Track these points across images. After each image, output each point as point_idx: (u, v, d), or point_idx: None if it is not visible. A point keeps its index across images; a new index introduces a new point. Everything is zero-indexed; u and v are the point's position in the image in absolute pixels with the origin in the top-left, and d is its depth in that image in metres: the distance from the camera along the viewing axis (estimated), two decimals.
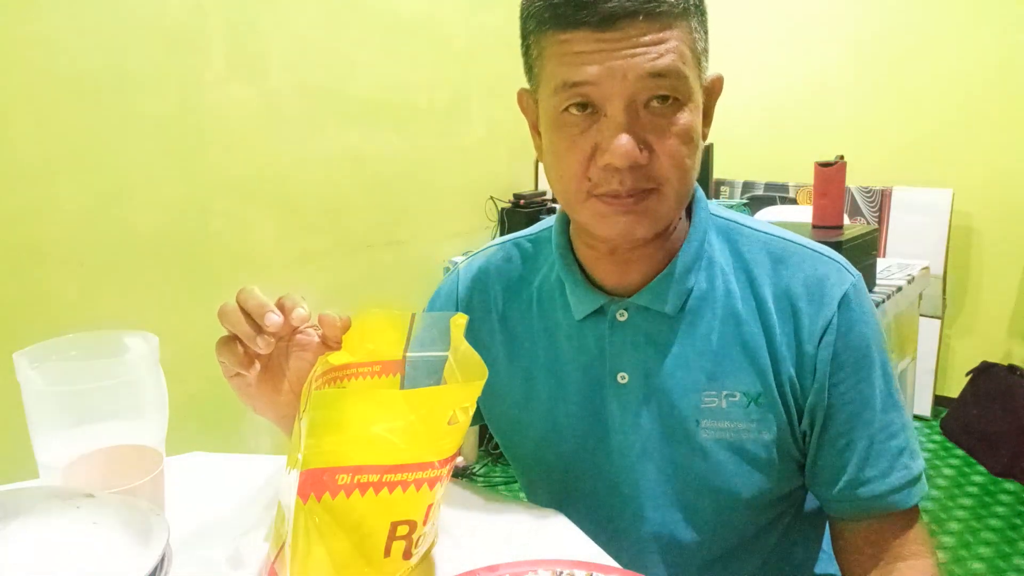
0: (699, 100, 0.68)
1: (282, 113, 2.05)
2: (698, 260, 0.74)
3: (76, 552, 0.55)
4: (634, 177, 0.66)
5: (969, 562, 1.95)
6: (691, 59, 0.65)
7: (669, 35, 0.63)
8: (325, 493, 0.53)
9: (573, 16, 0.63)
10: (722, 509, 0.75)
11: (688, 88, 0.65)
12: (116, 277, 1.73)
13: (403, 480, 0.55)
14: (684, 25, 0.64)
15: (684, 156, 0.67)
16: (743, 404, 0.72)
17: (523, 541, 0.67)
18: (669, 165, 0.66)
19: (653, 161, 0.66)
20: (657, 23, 0.63)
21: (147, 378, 0.68)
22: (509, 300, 0.83)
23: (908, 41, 2.76)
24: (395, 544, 0.56)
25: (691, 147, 0.67)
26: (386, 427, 0.54)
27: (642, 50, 0.63)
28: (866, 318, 0.73)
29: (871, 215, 2.80)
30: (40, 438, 0.65)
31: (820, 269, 0.74)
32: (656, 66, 0.63)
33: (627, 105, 0.64)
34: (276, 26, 2.01)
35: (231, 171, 1.94)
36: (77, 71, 1.63)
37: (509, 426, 0.85)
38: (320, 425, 0.53)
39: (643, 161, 0.65)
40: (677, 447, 0.74)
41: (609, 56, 0.63)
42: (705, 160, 2.02)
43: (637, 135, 0.65)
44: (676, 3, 0.63)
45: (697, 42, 0.66)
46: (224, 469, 0.84)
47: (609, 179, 0.66)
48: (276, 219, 2.06)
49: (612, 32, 0.62)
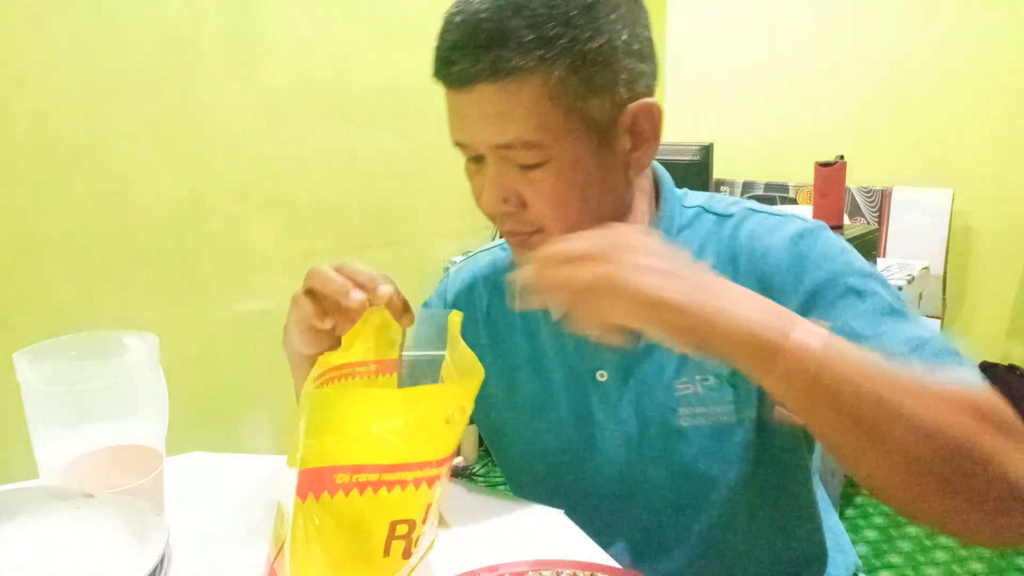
0: (578, 151, 0.66)
1: (281, 113, 2.04)
2: None
3: (76, 552, 0.55)
4: (510, 221, 0.69)
5: (969, 562, 1.95)
6: (555, 116, 0.63)
7: (515, 102, 0.62)
8: (324, 492, 0.53)
9: (438, 73, 0.66)
10: (709, 493, 0.75)
11: (546, 149, 0.64)
12: (116, 277, 1.73)
13: (402, 479, 0.55)
14: (538, 83, 0.62)
15: (557, 207, 0.67)
16: (717, 386, 0.72)
17: (523, 541, 0.67)
18: (544, 215, 0.68)
19: (528, 210, 0.68)
20: (501, 87, 0.62)
21: (147, 378, 0.68)
22: (494, 302, 0.85)
23: (908, 41, 2.76)
24: (394, 543, 0.56)
25: (565, 199, 0.67)
26: (384, 426, 0.54)
27: (489, 120, 0.64)
28: (829, 252, 0.70)
29: (871, 215, 2.80)
30: (40, 438, 0.65)
31: (771, 226, 0.73)
32: (501, 138, 0.64)
33: (497, 160, 0.66)
34: (276, 26, 2.01)
35: (230, 171, 1.94)
36: (76, 71, 1.63)
37: (496, 426, 0.87)
38: (318, 424, 0.53)
39: (511, 211, 0.68)
40: (659, 438, 0.75)
41: (467, 121, 0.66)
42: (705, 160, 2.03)
43: (507, 187, 0.67)
44: (521, 64, 0.61)
45: (565, 94, 0.63)
46: (224, 469, 0.84)
47: (492, 218, 0.70)
48: (275, 219, 2.06)
49: (465, 95, 0.64)
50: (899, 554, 1.99)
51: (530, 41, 0.61)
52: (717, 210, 0.76)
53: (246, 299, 1.95)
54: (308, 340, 0.68)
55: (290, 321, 0.69)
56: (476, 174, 0.70)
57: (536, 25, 0.61)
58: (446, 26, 0.65)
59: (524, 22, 0.61)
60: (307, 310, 0.66)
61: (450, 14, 0.65)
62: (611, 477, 0.78)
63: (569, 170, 0.66)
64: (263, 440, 1.91)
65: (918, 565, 1.94)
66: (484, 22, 0.61)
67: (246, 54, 1.96)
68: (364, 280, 0.65)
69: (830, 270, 0.68)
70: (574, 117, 0.64)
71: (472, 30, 0.62)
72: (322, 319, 0.66)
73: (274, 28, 2.01)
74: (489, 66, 0.61)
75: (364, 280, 0.65)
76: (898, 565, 1.94)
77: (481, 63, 0.61)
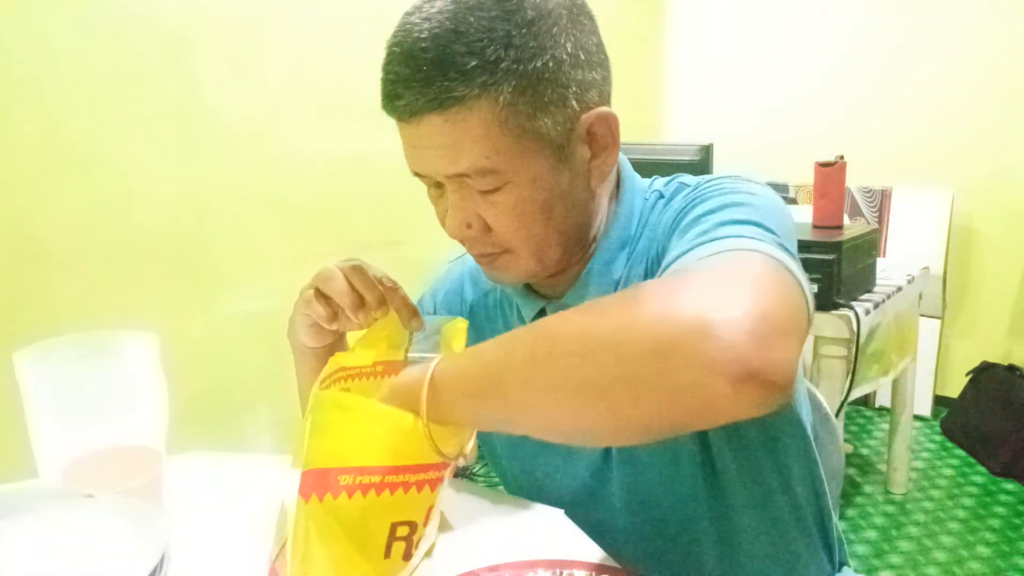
0: (535, 170, 0.64)
1: (283, 113, 2.04)
2: (621, 250, 0.73)
3: (76, 552, 0.55)
4: (477, 244, 0.69)
5: (969, 562, 1.95)
6: (506, 139, 0.62)
7: (464, 130, 0.61)
8: (327, 493, 0.53)
9: (386, 107, 0.65)
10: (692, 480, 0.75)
11: (501, 173, 0.63)
12: (116, 277, 1.73)
13: (405, 481, 0.55)
14: (486, 108, 0.60)
15: (520, 228, 0.67)
16: None
17: (523, 541, 0.67)
18: (508, 237, 0.67)
19: (493, 232, 0.67)
20: (449, 117, 0.61)
21: (147, 378, 0.68)
22: (477, 302, 0.87)
23: (908, 41, 2.76)
24: (395, 544, 0.56)
25: (527, 218, 0.66)
26: (388, 428, 0.54)
27: (441, 151, 0.63)
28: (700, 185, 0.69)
29: (871, 215, 2.80)
30: (40, 438, 0.65)
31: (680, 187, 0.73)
32: (455, 167, 0.63)
33: (457, 187, 0.66)
34: (276, 26, 2.01)
35: (231, 171, 1.94)
36: (77, 71, 1.63)
37: (486, 436, 0.87)
38: (323, 426, 0.53)
39: (475, 235, 0.68)
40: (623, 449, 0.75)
41: (420, 153, 0.65)
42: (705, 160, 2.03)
43: (469, 212, 0.67)
44: (466, 93, 0.60)
45: (515, 115, 0.61)
46: (224, 469, 0.84)
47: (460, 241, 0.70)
48: (276, 219, 2.05)
49: (414, 127, 0.63)
50: (899, 554, 1.99)
51: (472, 68, 0.59)
52: (666, 192, 0.75)
53: (247, 299, 1.95)
54: (313, 335, 0.70)
55: (297, 315, 0.71)
56: (438, 199, 0.70)
57: (477, 51, 0.59)
58: (388, 57, 0.63)
59: (464, 48, 0.59)
60: (318, 313, 0.67)
61: (391, 45, 0.63)
62: (591, 479, 0.79)
63: (529, 190, 0.65)
64: (263, 440, 1.90)
65: (918, 565, 1.94)
66: (425, 52, 0.60)
67: (248, 55, 1.96)
68: (372, 299, 0.66)
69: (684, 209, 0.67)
70: (527, 137, 0.63)
71: (414, 62, 0.60)
72: (330, 322, 0.68)
73: (276, 29, 2.01)
74: (434, 98, 0.60)
75: (372, 299, 0.66)
76: (898, 565, 1.94)
77: (425, 96, 0.60)
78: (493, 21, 0.60)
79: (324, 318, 0.68)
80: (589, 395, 0.45)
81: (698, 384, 0.41)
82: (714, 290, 0.45)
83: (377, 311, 0.67)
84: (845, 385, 1.79)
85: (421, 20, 0.61)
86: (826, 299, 1.73)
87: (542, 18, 0.61)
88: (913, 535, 2.08)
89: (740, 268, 0.49)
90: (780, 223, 0.61)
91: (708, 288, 0.46)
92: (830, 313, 1.74)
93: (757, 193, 0.65)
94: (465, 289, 0.88)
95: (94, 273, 1.69)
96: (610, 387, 0.44)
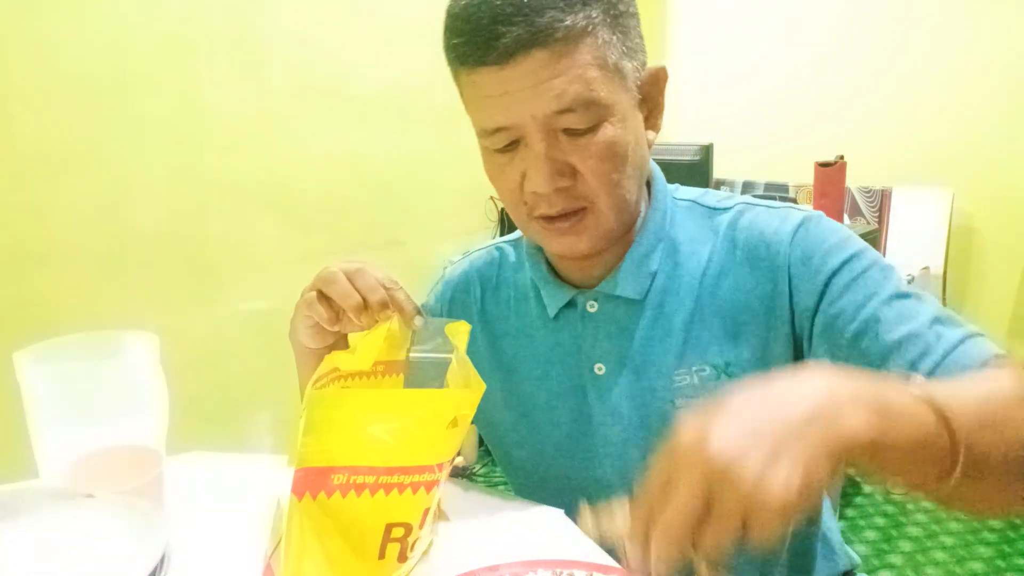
0: (624, 109, 0.67)
1: (282, 113, 2.05)
2: (658, 243, 0.75)
3: (76, 552, 0.55)
4: (562, 199, 0.68)
5: (969, 562, 1.95)
6: (604, 75, 0.64)
7: (570, 63, 0.62)
8: (320, 492, 0.53)
9: (473, 55, 0.64)
10: None
11: (602, 108, 0.65)
12: (116, 277, 1.73)
13: (399, 483, 0.55)
14: (589, 42, 0.63)
15: (610, 172, 0.67)
16: (714, 377, 0.72)
17: (523, 541, 0.67)
18: (596, 184, 0.67)
19: (579, 182, 0.67)
20: (556, 51, 0.61)
21: (147, 378, 0.68)
22: (489, 301, 0.86)
23: (909, 41, 2.76)
24: (390, 546, 0.56)
25: (616, 161, 0.67)
26: (384, 428, 0.54)
27: (545, 86, 0.62)
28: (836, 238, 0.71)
29: (871, 215, 2.80)
30: (40, 438, 0.65)
31: (773, 216, 0.74)
32: (560, 102, 0.63)
33: (545, 135, 0.65)
34: (276, 26, 2.01)
35: (231, 171, 1.94)
36: (77, 71, 1.63)
37: (494, 426, 0.87)
38: (317, 424, 0.53)
39: (566, 184, 0.67)
40: (658, 431, 0.74)
41: (514, 96, 0.63)
42: (705, 160, 2.03)
43: (558, 160, 0.66)
44: (573, 24, 0.61)
45: (610, 52, 0.64)
46: (224, 469, 0.84)
47: (539, 203, 0.68)
48: (276, 219, 2.06)
49: (512, 69, 0.62)
50: (899, 554, 1.99)
51: (575, 1, 0.61)
52: (709, 204, 0.77)
53: (247, 299, 1.95)
54: (314, 336, 0.70)
55: (298, 316, 0.70)
56: (508, 164, 0.69)
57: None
58: (470, 4, 0.63)
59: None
60: (319, 315, 0.67)
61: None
62: (610, 472, 0.78)
63: (620, 129, 0.66)
64: (263, 440, 1.91)
65: (918, 565, 1.94)
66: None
67: (248, 55, 1.96)
68: (375, 301, 0.66)
69: (840, 255, 0.69)
70: (618, 76, 0.65)
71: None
72: (333, 324, 0.68)
73: (276, 29, 2.01)
74: (541, 30, 0.61)
75: (375, 301, 0.66)
76: (898, 565, 1.94)
77: (534, 27, 0.60)
78: None
79: (326, 320, 0.68)
80: None
81: None
82: None
83: (379, 313, 0.67)
84: None
85: None
86: None
87: None
88: (913, 535, 2.08)
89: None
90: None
91: None
92: None
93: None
94: (473, 291, 0.87)
95: (94, 273, 1.69)
96: None
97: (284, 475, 0.57)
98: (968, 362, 0.61)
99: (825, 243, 0.70)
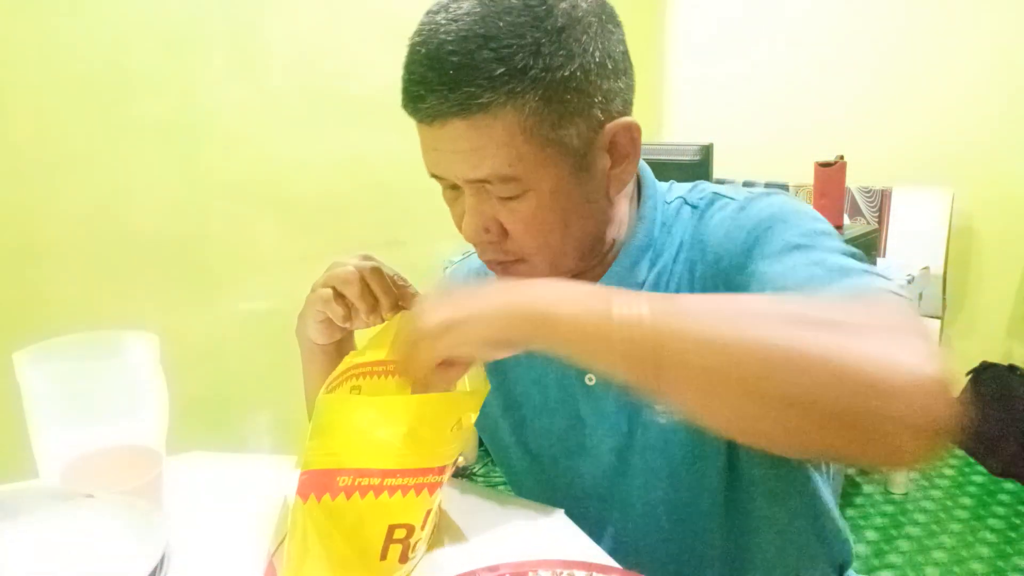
0: (558, 178, 0.64)
1: (282, 113, 2.04)
2: (646, 252, 0.73)
3: (76, 552, 0.55)
4: (492, 251, 0.68)
5: (969, 562, 1.95)
6: (531, 148, 0.61)
7: (489, 137, 0.60)
8: (325, 494, 0.53)
9: (408, 106, 0.64)
10: (698, 493, 0.75)
11: (523, 182, 0.63)
12: (116, 277, 1.73)
13: (403, 484, 0.55)
14: (515, 109, 0.59)
15: (544, 234, 0.66)
16: None
17: (523, 541, 0.67)
18: (525, 243, 0.67)
19: (509, 240, 0.67)
20: (473, 122, 0.60)
21: (147, 378, 0.68)
22: None
23: (908, 41, 2.76)
24: (392, 547, 0.56)
25: (547, 226, 0.65)
26: (390, 432, 0.54)
27: (464, 155, 0.62)
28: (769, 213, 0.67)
29: (871, 215, 2.80)
30: (40, 438, 0.65)
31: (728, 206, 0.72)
32: (477, 173, 0.62)
33: (475, 191, 0.65)
34: (276, 26, 2.01)
35: (231, 171, 1.94)
36: (77, 71, 1.63)
37: (493, 430, 0.87)
38: (325, 428, 0.53)
39: (493, 239, 0.67)
40: (647, 437, 0.74)
41: (441, 155, 0.64)
42: (705, 160, 2.03)
43: (486, 215, 0.66)
44: (492, 100, 0.59)
45: (541, 124, 0.61)
46: (224, 469, 0.84)
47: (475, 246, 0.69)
48: (276, 219, 2.06)
49: (436, 130, 0.62)
50: (899, 554, 1.99)
51: (500, 75, 0.58)
52: (693, 201, 0.75)
53: (246, 299, 1.95)
54: (322, 331, 0.71)
55: (308, 312, 0.71)
56: (454, 201, 0.69)
57: (505, 57, 0.58)
58: (412, 57, 0.62)
59: (492, 54, 0.58)
60: (335, 313, 0.67)
61: (414, 44, 0.62)
62: (601, 480, 0.78)
63: (549, 199, 0.64)
64: (263, 440, 1.91)
65: (918, 565, 1.94)
66: (450, 55, 0.58)
67: (248, 55, 1.96)
68: (387, 302, 0.67)
69: (765, 228, 0.66)
70: (550, 146, 0.62)
71: (439, 64, 0.59)
72: (344, 321, 0.68)
73: (275, 29, 2.01)
74: (458, 103, 0.59)
75: (387, 302, 0.67)
76: (898, 565, 1.94)
77: (449, 101, 0.59)
78: (523, 27, 0.58)
79: (340, 318, 0.68)
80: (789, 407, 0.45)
81: (892, 435, 0.43)
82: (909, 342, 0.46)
83: (389, 313, 0.67)
84: None
85: (448, 20, 0.59)
86: None
87: (572, 25, 0.60)
88: (913, 535, 2.08)
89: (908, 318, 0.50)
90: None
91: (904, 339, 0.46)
92: None
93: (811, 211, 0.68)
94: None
95: (94, 273, 1.69)
96: (811, 407, 0.45)
97: (289, 476, 0.57)
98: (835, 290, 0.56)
99: (754, 219, 0.68)
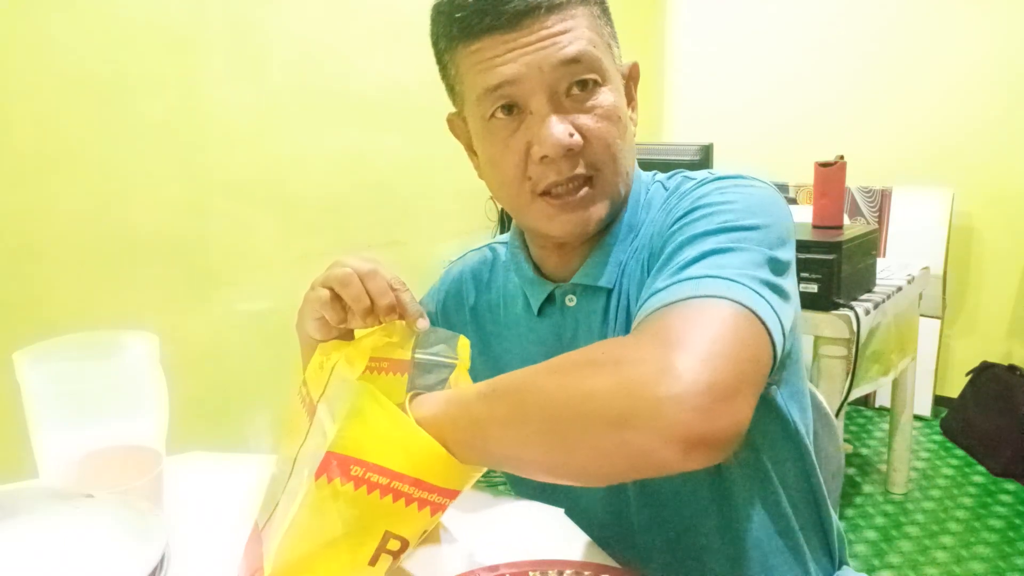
0: (619, 82, 0.72)
1: (282, 113, 2.04)
2: (630, 231, 0.76)
3: (76, 552, 0.55)
4: (570, 164, 0.69)
5: (969, 562, 1.95)
6: (600, 43, 0.69)
7: (573, 24, 0.66)
8: (336, 478, 0.54)
9: (479, 24, 0.66)
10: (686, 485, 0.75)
11: (604, 69, 0.69)
12: (116, 277, 1.73)
13: (408, 493, 0.55)
14: (586, 12, 0.68)
15: (614, 137, 0.70)
16: None
17: (523, 541, 0.67)
18: (601, 149, 0.69)
19: (586, 147, 0.69)
20: (559, 14, 0.66)
21: (147, 378, 0.68)
22: (480, 299, 0.88)
23: (909, 41, 2.76)
24: (383, 557, 0.56)
25: (619, 127, 0.70)
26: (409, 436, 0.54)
27: (551, 41, 0.66)
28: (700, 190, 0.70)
29: (871, 215, 2.80)
30: (40, 438, 0.65)
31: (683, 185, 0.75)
32: (568, 53, 0.66)
33: (550, 97, 0.67)
34: (276, 26, 2.01)
35: (231, 171, 1.94)
36: (77, 71, 1.63)
37: None
38: (356, 414, 0.54)
39: (576, 145, 0.68)
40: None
41: (521, 54, 0.66)
42: (705, 160, 2.03)
43: (565, 120, 0.68)
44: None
45: (602, 29, 0.70)
46: (224, 469, 0.84)
47: (547, 172, 0.69)
48: (276, 219, 2.05)
49: (518, 31, 0.65)
50: (899, 554, 1.99)
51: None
52: (666, 183, 0.78)
53: (246, 299, 1.95)
54: (320, 328, 0.71)
55: (307, 309, 0.71)
56: (512, 137, 0.69)
57: None
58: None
59: None
60: (329, 314, 0.68)
61: None
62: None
63: (617, 96, 0.70)
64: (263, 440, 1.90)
65: (918, 565, 1.94)
66: None
67: (248, 55, 1.96)
68: (383, 305, 0.66)
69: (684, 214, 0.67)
70: (609, 53, 0.70)
71: None
72: (340, 323, 0.68)
73: (276, 29, 2.01)
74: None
75: (383, 305, 0.66)
76: (898, 565, 1.94)
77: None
78: None
79: (335, 320, 0.69)
80: (559, 455, 0.51)
81: (652, 452, 0.46)
82: (666, 358, 0.48)
83: (385, 316, 0.67)
84: (845, 385, 1.79)
85: None
86: (826, 299, 1.72)
87: None
88: (913, 535, 2.08)
89: (698, 327, 0.52)
90: (773, 231, 0.63)
91: (661, 356, 0.49)
92: (830, 313, 1.74)
93: (754, 196, 0.67)
94: (466, 289, 0.89)
95: (94, 273, 1.69)
96: (575, 450, 0.50)
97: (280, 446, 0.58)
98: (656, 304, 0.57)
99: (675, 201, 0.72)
